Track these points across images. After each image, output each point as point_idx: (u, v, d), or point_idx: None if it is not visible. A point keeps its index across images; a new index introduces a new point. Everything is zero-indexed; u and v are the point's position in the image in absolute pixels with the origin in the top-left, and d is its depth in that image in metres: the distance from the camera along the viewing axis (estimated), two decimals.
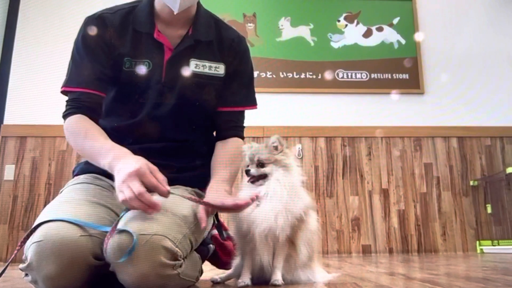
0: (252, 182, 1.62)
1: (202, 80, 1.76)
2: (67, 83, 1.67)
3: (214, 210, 1.57)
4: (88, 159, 1.62)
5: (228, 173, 1.70)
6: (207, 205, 1.51)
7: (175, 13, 1.69)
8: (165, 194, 1.41)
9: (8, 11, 5.10)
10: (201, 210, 1.53)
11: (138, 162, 1.39)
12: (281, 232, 1.53)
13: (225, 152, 1.79)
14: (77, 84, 1.66)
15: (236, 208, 1.52)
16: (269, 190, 1.57)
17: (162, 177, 1.43)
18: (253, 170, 1.62)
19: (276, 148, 1.65)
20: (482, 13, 5.55)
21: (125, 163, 1.40)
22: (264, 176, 1.62)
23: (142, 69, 1.70)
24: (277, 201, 1.54)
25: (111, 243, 1.29)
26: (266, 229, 1.52)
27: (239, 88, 1.87)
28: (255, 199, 1.49)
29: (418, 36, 5.35)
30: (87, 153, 1.61)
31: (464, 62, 5.36)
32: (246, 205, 1.48)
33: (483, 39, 5.46)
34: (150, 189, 1.37)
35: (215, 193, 1.60)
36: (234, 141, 1.83)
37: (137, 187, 1.33)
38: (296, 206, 1.55)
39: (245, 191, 1.63)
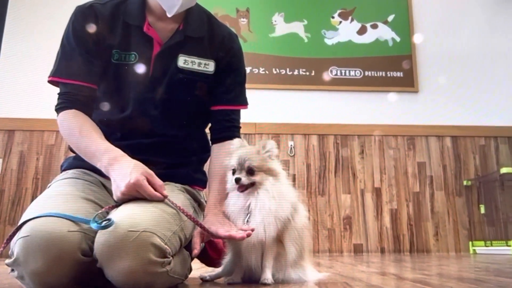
0: (242, 191, 1.57)
1: (189, 77, 1.74)
2: (55, 73, 1.66)
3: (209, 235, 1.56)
4: (85, 158, 1.60)
5: (226, 186, 1.66)
6: (202, 228, 1.51)
7: (169, 16, 1.68)
8: (161, 201, 1.45)
9: None
10: (195, 234, 1.55)
11: (134, 173, 1.42)
12: (268, 237, 1.51)
13: (223, 160, 1.73)
14: (68, 75, 1.65)
15: (230, 239, 1.52)
16: (258, 202, 1.53)
17: (159, 183, 1.47)
18: (244, 179, 1.55)
19: (271, 155, 1.59)
20: (479, 12, 5.54)
21: (121, 173, 1.44)
22: (252, 184, 1.56)
23: (130, 63, 1.69)
24: (266, 213, 1.50)
25: (98, 238, 1.28)
26: (255, 241, 1.50)
27: (231, 86, 1.86)
28: (251, 234, 1.45)
29: (414, 35, 5.33)
30: (82, 153, 1.61)
31: (460, 61, 5.35)
32: (241, 239, 1.46)
33: (479, 38, 5.45)
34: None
35: (213, 217, 1.60)
36: (230, 146, 1.76)
37: None
38: (283, 211, 1.53)
39: (234, 200, 1.59)
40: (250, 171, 1.55)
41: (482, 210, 4.79)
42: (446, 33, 5.43)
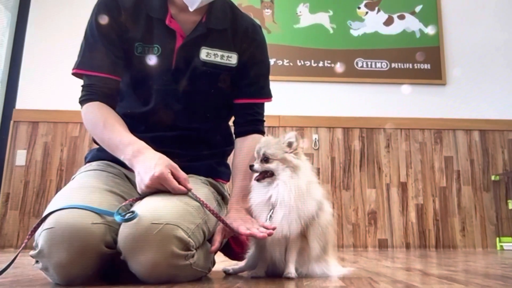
0: (258, 180, 1.58)
1: (212, 70, 1.74)
2: (79, 65, 1.67)
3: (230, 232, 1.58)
4: (108, 150, 1.62)
5: (249, 182, 1.66)
6: (224, 223, 1.52)
7: (190, 10, 1.68)
8: (185, 194, 1.47)
9: None
10: (217, 231, 1.56)
11: (158, 166, 1.43)
12: (292, 233, 1.52)
13: (245, 155, 1.76)
14: (92, 67, 1.66)
15: (251, 237, 1.53)
16: (278, 197, 1.53)
17: (183, 176, 1.48)
18: (257, 166, 1.57)
19: (290, 145, 1.58)
20: (508, 2, 5.41)
21: (145, 166, 1.45)
22: (271, 174, 1.56)
23: (152, 56, 1.70)
24: (288, 208, 1.50)
25: (121, 231, 1.31)
26: (279, 235, 1.51)
27: (255, 79, 1.85)
28: (272, 233, 1.46)
29: (442, 27, 5.23)
30: (106, 145, 1.63)
31: (488, 52, 5.24)
32: (263, 238, 1.46)
33: (508, 29, 5.34)
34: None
35: (235, 213, 1.61)
36: (253, 140, 1.77)
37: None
38: (307, 209, 1.53)
39: (256, 192, 1.60)
40: (265, 159, 1.56)
41: (510, 206, 4.71)
42: (475, 25, 5.32)
